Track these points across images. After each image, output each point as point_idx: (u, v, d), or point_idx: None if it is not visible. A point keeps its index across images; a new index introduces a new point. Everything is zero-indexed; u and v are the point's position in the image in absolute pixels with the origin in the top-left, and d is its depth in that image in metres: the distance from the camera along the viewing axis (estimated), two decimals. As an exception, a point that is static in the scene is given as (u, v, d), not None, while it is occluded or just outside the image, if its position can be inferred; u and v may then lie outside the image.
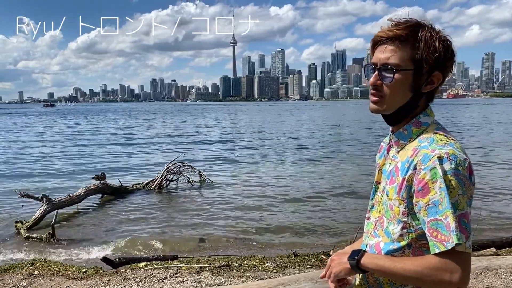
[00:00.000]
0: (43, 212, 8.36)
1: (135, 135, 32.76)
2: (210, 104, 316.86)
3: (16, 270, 5.57)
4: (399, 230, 1.31)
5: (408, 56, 1.27)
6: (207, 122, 51.09)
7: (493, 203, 9.66)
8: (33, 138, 29.94)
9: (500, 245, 6.13)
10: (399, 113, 1.34)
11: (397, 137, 1.37)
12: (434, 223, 1.19)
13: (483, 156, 17.12)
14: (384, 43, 1.30)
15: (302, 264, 5.63)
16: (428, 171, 1.20)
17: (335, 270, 1.36)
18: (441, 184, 1.17)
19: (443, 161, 1.19)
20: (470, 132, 30.19)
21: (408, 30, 1.27)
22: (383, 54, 1.29)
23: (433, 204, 1.19)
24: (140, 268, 5.50)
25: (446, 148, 1.21)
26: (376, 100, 1.33)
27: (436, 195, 1.18)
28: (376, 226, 1.41)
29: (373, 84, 1.32)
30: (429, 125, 1.33)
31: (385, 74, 1.29)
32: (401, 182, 1.28)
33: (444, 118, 47.46)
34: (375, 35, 1.33)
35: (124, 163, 17.21)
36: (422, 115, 1.34)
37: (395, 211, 1.31)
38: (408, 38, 1.26)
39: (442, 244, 1.17)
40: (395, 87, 1.29)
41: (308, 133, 31.58)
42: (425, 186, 1.20)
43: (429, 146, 1.24)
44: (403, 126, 1.35)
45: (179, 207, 9.91)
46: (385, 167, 1.42)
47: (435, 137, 1.27)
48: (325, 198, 10.43)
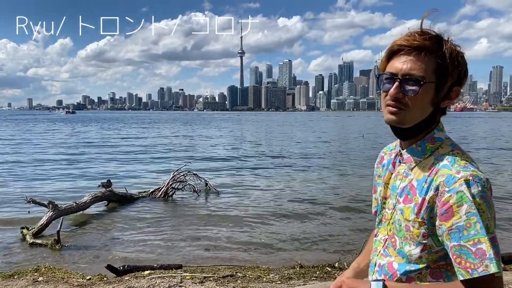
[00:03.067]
0: (49, 218, 8.38)
1: (143, 142, 32.88)
2: (217, 113, 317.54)
3: (21, 276, 5.58)
4: (418, 252, 1.24)
5: (432, 69, 1.20)
6: (221, 132, 50.48)
7: (501, 218, 9.54)
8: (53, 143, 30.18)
9: (507, 261, 6.05)
10: (417, 128, 1.26)
11: (410, 153, 1.30)
12: (457, 249, 1.14)
13: (494, 165, 16.97)
14: (405, 53, 1.22)
15: (307, 276, 5.58)
16: (454, 194, 1.14)
17: None
18: (471, 209, 1.12)
19: (470, 184, 1.13)
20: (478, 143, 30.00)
21: (434, 41, 1.20)
22: (406, 64, 1.21)
23: (456, 229, 1.13)
24: (144, 276, 5.49)
25: (469, 169, 1.16)
26: (395, 111, 1.23)
27: (460, 219, 1.13)
28: (386, 245, 1.35)
29: (394, 96, 1.22)
30: (443, 141, 1.28)
31: (407, 86, 1.21)
32: (420, 202, 1.22)
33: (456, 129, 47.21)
34: (394, 43, 1.24)
35: (130, 171, 17.27)
36: (436, 130, 1.28)
37: (413, 233, 1.24)
38: (434, 50, 1.20)
39: (467, 271, 1.12)
40: (418, 100, 1.21)
41: (331, 144, 31.53)
42: (449, 210, 1.14)
43: (451, 167, 1.18)
44: (417, 142, 1.29)
45: (184, 216, 9.90)
46: (394, 183, 1.35)
47: (455, 157, 1.21)
48: (332, 209, 10.35)
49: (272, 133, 48.02)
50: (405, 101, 1.22)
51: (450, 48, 1.20)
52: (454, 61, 1.20)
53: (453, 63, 1.20)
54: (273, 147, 29.30)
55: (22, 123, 78.40)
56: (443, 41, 1.21)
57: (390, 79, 1.24)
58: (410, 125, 1.25)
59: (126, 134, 45.45)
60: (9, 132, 48.86)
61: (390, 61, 1.26)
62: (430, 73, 1.20)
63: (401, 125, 1.25)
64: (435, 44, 1.20)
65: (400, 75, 1.21)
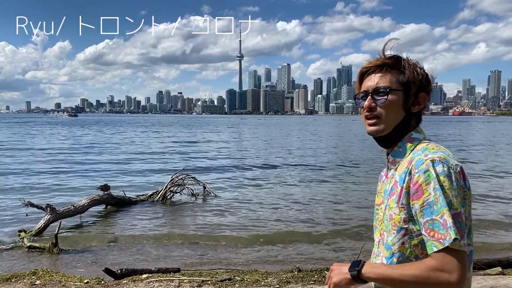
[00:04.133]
0: (46, 221, 8.36)
1: (142, 147, 32.86)
2: (216, 117, 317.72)
3: (18, 280, 5.56)
4: (400, 238, 1.34)
5: (396, 80, 1.42)
6: (222, 137, 50.18)
7: (499, 222, 9.56)
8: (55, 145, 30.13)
9: (506, 265, 6.05)
10: (396, 133, 1.43)
11: (394, 156, 1.46)
12: (430, 223, 1.24)
13: (492, 172, 17.02)
14: (372, 72, 1.46)
15: (305, 280, 5.57)
16: (422, 174, 1.27)
17: (335, 280, 1.39)
18: (435, 185, 1.24)
19: (435, 164, 1.27)
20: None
21: (393, 59, 1.44)
22: (373, 81, 1.44)
23: (427, 205, 1.25)
24: (142, 280, 5.48)
25: (438, 153, 1.30)
26: (373, 122, 1.43)
27: (430, 196, 1.25)
28: (379, 245, 1.45)
29: (367, 107, 1.43)
30: (421, 140, 1.43)
31: (377, 97, 1.42)
32: (400, 190, 1.35)
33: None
34: (362, 67, 1.49)
35: (129, 175, 17.25)
36: (414, 132, 1.45)
37: (395, 220, 1.35)
38: (394, 65, 1.43)
39: (439, 242, 1.21)
40: (389, 107, 1.41)
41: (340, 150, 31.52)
42: (419, 188, 1.27)
43: (422, 153, 1.34)
44: (397, 144, 1.45)
45: (183, 219, 9.89)
46: (385, 187, 1.48)
47: (428, 146, 1.37)
48: (331, 215, 10.34)
49: (276, 138, 47.93)
50: (378, 110, 1.42)
51: (408, 62, 1.44)
52: (413, 71, 1.42)
53: (413, 73, 1.42)
54: (274, 153, 29.31)
55: (26, 126, 78.13)
56: (401, 58, 1.44)
57: (364, 96, 1.46)
58: (388, 131, 1.43)
59: (129, 137, 45.44)
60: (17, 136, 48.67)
61: (362, 83, 1.49)
62: (395, 83, 1.42)
63: (380, 133, 1.44)
64: (395, 61, 1.44)
65: (371, 90, 1.44)
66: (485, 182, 14.81)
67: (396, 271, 1.27)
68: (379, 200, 1.50)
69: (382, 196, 1.48)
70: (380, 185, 1.55)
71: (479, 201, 11.22)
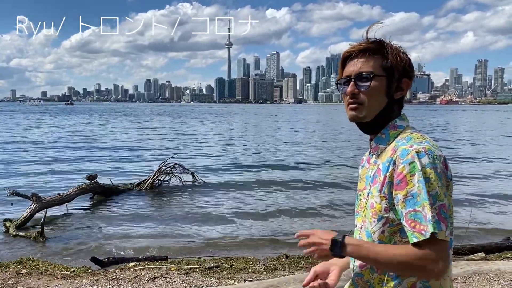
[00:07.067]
0: (32, 210, 8.27)
1: (130, 137, 32.61)
2: (205, 105, 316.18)
3: (3, 269, 5.51)
4: (380, 227, 1.34)
5: (379, 65, 1.39)
6: (213, 126, 49.42)
7: (482, 208, 9.74)
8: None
9: (489, 250, 6.17)
10: (378, 120, 1.41)
11: (376, 142, 1.44)
12: (412, 214, 1.23)
13: (475, 161, 17.26)
14: (354, 57, 1.42)
15: (292, 266, 5.62)
16: (407, 165, 1.26)
17: (318, 256, 1.36)
18: (420, 177, 1.23)
19: (420, 156, 1.25)
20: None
21: (376, 44, 1.41)
22: (357, 65, 1.40)
23: (411, 196, 1.24)
24: (129, 268, 5.47)
25: (423, 144, 1.29)
26: (355, 107, 1.40)
27: (414, 187, 1.24)
28: (361, 231, 1.45)
29: (350, 93, 1.40)
30: (405, 128, 1.41)
31: (360, 83, 1.39)
32: (383, 179, 1.34)
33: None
34: (345, 51, 1.45)
35: (117, 164, 17.12)
36: (398, 119, 1.43)
37: (376, 208, 1.35)
38: (377, 50, 1.40)
39: (420, 233, 1.21)
40: (372, 93, 1.38)
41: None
42: (404, 179, 1.26)
43: (407, 143, 1.31)
44: (381, 131, 1.43)
45: (170, 208, 9.86)
46: (367, 173, 1.48)
47: (412, 136, 1.35)
48: (320, 204, 10.38)
49: (267, 128, 47.94)
50: (361, 96, 1.39)
51: (391, 47, 1.40)
52: (397, 56, 1.39)
53: (396, 58, 1.39)
54: (263, 144, 29.31)
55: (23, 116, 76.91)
56: (385, 43, 1.41)
57: (347, 82, 1.43)
58: (370, 118, 1.41)
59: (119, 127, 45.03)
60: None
61: (345, 68, 1.45)
62: (378, 69, 1.39)
63: (362, 120, 1.42)
64: (378, 45, 1.40)
65: (353, 75, 1.40)
66: (471, 172, 15.01)
67: (379, 249, 1.27)
68: (361, 186, 1.49)
69: (364, 182, 1.48)
70: (362, 170, 1.54)
71: (464, 185, 11.38)
